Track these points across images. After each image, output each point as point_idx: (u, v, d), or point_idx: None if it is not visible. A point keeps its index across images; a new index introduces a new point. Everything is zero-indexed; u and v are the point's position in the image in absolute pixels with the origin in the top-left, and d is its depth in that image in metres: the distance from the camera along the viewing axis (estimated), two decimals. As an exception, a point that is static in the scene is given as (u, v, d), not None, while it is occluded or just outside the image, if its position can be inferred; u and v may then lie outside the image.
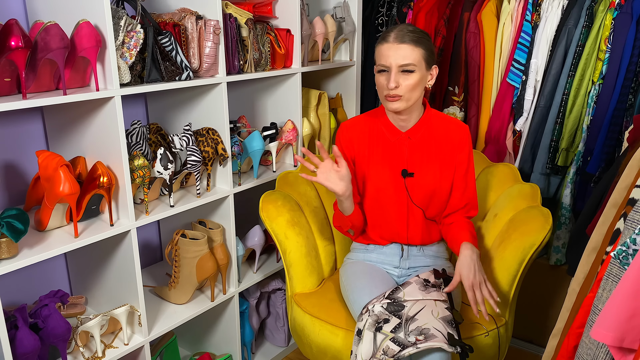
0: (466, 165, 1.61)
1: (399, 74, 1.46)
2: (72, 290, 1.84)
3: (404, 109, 1.51)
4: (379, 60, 1.49)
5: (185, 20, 1.61)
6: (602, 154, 1.89)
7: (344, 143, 1.64)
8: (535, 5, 2.04)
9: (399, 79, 1.46)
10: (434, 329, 1.31)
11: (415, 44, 1.46)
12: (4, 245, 1.29)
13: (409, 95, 1.48)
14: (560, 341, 1.17)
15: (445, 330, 1.32)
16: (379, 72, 1.50)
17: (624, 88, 1.85)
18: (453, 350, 1.28)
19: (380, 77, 1.50)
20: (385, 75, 1.49)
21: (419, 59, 1.47)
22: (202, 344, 2.12)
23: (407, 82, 1.47)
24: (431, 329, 1.32)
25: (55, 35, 1.26)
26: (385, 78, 1.48)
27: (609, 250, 1.05)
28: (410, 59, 1.45)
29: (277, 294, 2.14)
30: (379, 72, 1.50)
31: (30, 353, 1.35)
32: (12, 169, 1.63)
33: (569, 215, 2.04)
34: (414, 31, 1.48)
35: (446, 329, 1.32)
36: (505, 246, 1.61)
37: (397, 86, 1.46)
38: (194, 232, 1.78)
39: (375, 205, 1.63)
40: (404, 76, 1.46)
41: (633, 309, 0.84)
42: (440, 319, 1.35)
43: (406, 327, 1.34)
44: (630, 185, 1.05)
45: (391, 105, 1.50)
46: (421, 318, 1.35)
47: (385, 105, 1.53)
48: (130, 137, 1.64)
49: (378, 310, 1.39)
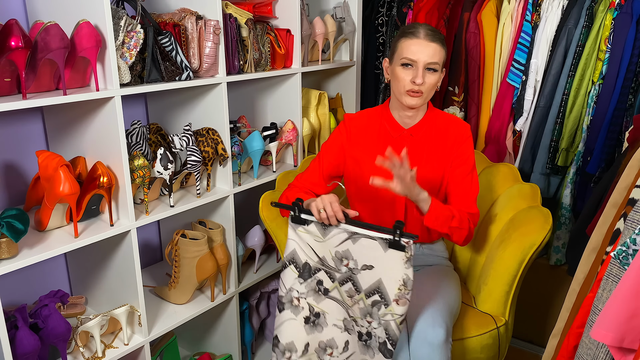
0: (467, 162, 1.61)
1: (425, 71, 1.49)
2: (72, 290, 1.84)
3: (420, 105, 1.54)
4: (404, 54, 1.50)
5: (185, 20, 1.61)
6: (602, 154, 1.89)
7: (344, 132, 1.65)
8: (535, 5, 2.04)
9: (425, 75, 1.49)
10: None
11: (441, 45, 1.50)
12: (4, 245, 1.29)
13: (428, 93, 1.52)
14: (560, 341, 1.17)
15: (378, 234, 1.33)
16: (402, 66, 1.51)
17: (624, 88, 1.85)
18: (390, 237, 1.29)
19: (402, 71, 1.51)
20: (410, 70, 1.50)
21: (442, 60, 1.51)
22: (202, 344, 2.12)
23: (430, 80, 1.50)
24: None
25: (55, 35, 1.26)
26: (410, 73, 1.50)
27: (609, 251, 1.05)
28: (437, 58, 1.49)
29: (277, 294, 2.14)
30: (403, 65, 1.50)
31: (30, 353, 1.35)
32: (12, 169, 1.63)
33: (569, 215, 2.04)
34: (438, 32, 1.52)
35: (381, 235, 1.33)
36: (505, 246, 1.61)
37: (423, 82, 1.49)
38: (194, 232, 1.78)
39: (373, 200, 1.63)
40: (428, 74, 1.49)
41: (633, 309, 0.84)
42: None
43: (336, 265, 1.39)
44: (630, 185, 1.05)
45: (411, 101, 1.52)
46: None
47: (404, 100, 1.53)
48: (130, 137, 1.64)
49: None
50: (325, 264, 1.40)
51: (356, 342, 1.40)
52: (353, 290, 1.38)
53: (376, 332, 1.35)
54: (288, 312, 1.45)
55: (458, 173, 1.60)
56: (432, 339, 1.35)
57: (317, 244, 1.40)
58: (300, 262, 1.42)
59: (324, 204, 1.36)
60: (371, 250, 1.33)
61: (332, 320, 1.42)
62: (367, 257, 1.34)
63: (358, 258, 1.35)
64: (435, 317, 1.40)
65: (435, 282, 1.57)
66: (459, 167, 1.60)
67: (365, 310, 1.36)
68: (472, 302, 1.69)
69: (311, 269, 1.42)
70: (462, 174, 1.60)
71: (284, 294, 1.45)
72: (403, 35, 1.52)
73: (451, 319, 1.46)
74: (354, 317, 1.39)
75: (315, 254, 1.41)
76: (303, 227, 1.40)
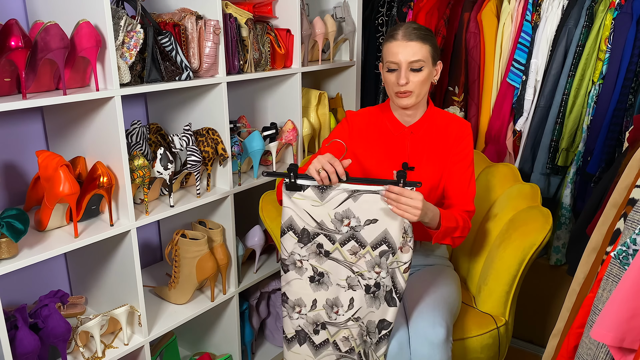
0: (466, 159, 1.61)
1: (408, 71, 1.49)
2: (72, 290, 1.84)
3: (414, 104, 1.54)
4: (388, 57, 1.51)
5: (185, 20, 1.61)
6: (602, 154, 1.89)
7: (346, 128, 1.65)
8: (535, 5, 2.04)
9: (409, 75, 1.49)
10: None
11: (422, 41, 1.49)
12: (4, 245, 1.29)
13: (418, 90, 1.51)
14: (560, 341, 1.17)
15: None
16: (388, 71, 1.52)
17: (624, 88, 1.85)
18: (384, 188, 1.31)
19: (389, 75, 1.52)
20: (395, 73, 1.51)
21: (427, 55, 1.50)
22: (202, 344, 2.12)
23: (416, 78, 1.50)
24: None
25: (55, 35, 1.26)
26: (395, 75, 1.50)
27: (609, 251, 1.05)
28: (419, 55, 1.48)
29: (277, 294, 2.14)
30: (388, 70, 1.52)
31: (30, 353, 1.35)
32: (12, 169, 1.63)
33: (569, 215, 2.04)
34: (420, 28, 1.51)
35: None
36: (505, 246, 1.61)
37: (407, 82, 1.49)
38: (194, 232, 1.78)
39: None
40: (413, 74, 1.49)
41: (633, 309, 0.84)
42: None
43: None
44: (630, 185, 1.05)
45: (402, 102, 1.52)
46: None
47: (396, 101, 1.54)
48: (130, 137, 1.64)
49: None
50: (324, 227, 1.40)
51: (362, 297, 1.42)
52: (357, 247, 1.39)
53: (384, 282, 1.38)
54: (293, 273, 1.47)
55: (457, 169, 1.60)
56: (432, 338, 1.36)
57: (314, 209, 1.40)
58: (298, 229, 1.43)
59: (321, 164, 1.34)
60: (374, 204, 1.35)
61: (336, 280, 1.44)
62: (369, 212, 1.36)
63: (360, 215, 1.37)
64: (436, 316, 1.40)
65: (436, 281, 1.57)
66: (457, 164, 1.60)
67: (372, 262, 1.38)
68: (472, 302, 1.69)
69: (310, 234, 1.42)
70: (461, 170, 1.60)
71: (287, 257, 1.46)
72: (386, 40, 1.54)
73: (451, 318, 1.46)
74: (360, 272, 1.41)
75: (313, 219, 1.41)
76: (299, 194, 1.40)
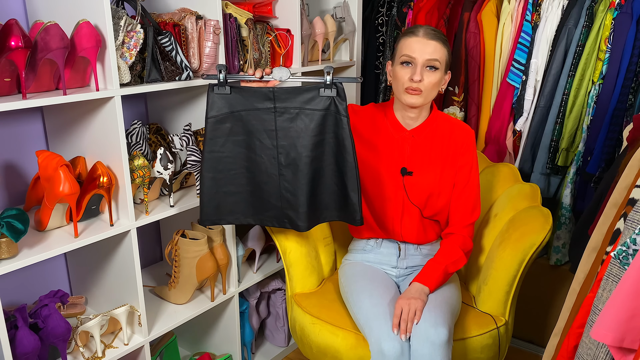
0: (469, 169, 1.60)
1: (424, 68, 1.48)
2: (72, 290, 1.84)
3: (421, 104, 1.52)
4: (404, 51, 1.49)
5: (185, 20, 1.61)
6: (602, 154, 1.89)
7: None
8: (535, 5, 2.04)
9: (423, 73, 1.48)
10: None
11: (442, 44, 1.49)
12: (4, 245, 1.29)
13: (427, 92, 1.50)
14: (560, 341, 1.17)
15: None
16: (402, 64, 1.50)
17: (624, 88, 1.85)
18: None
19: (402, 69, 1.50)
20: (409, 68, 1.49)
21: (443, 58, 1.49)
22: (202, 344, 2.12)
23: (429, 78, 1.48)
24: None
25: (55, 35, 1.26)
26: (409, 71, 1.48)
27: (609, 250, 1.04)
28: (437, 55, 1.47)
29: (277, 294, 2.14)
30: (402, 63, 1.50)
31: (30, 353, 1.35)
32: (12, 169, 1.63)
33: (569, 215, 2.04)
34: (440, 32, 1.51)
35: None
36: (505, 246, 1.61)
37: (421, 80, 1.47)
38: (194, 232, 1.78)
39: (369, 198, 1.63)
40: (428, 72, 1.48)
41: (633, 309, 0.84)
42: None
43: None
44: (630, 185, 1.05)
45: (409, 99, 1.50)
46: None
47: (403, 98, 1.52)
48: (130, 137, 1.64)
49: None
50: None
51: None
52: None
53: None
54: None
55: (461, 180, 1.59)
56: (434, 338, 1.36)
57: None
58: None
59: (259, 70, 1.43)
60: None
61: None
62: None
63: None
64: (437, 317, 1.40)
65: (436, 282, 1.57)
66: (462, 176, 1.59)
67: None
68: (472, 302, 1.69)
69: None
70: (464, 181, 1.59)
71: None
72: (403, 36, 1.53)
73: (452, 319, 1.46)
74: None
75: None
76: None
